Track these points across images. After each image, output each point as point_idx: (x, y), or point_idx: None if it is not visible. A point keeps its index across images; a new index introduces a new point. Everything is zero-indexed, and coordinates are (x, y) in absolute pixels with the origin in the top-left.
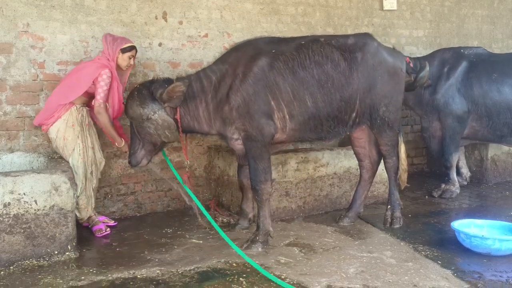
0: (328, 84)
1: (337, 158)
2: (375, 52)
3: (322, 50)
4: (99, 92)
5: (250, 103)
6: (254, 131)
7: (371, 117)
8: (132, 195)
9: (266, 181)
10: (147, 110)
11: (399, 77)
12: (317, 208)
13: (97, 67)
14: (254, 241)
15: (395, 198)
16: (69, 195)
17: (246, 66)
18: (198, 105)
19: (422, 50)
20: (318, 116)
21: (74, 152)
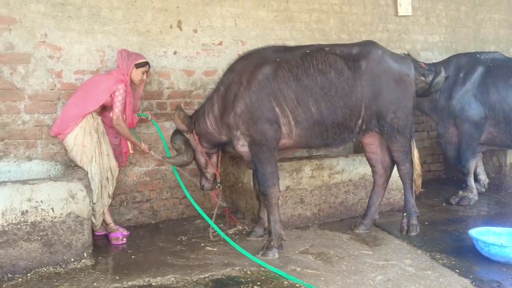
0: (331, 92)
1: (352, 164)
2: (379, 60)
3: (326, 59)
4: (117, 105)
5: (253, 109)
6: (258, 136)
7: (378, 124)
8: (147, 203)
9: (274, 185)
10: (173, 142)
11: (406, 84)
12: (332, 216)
13: (115, 81)
14: (269, 247)
15: (411, 205)
16: (85, 202)
17: (251, 74)
18: (206, 119)
19: (438, 55)
20: (323, 123)
21: (93, 159)
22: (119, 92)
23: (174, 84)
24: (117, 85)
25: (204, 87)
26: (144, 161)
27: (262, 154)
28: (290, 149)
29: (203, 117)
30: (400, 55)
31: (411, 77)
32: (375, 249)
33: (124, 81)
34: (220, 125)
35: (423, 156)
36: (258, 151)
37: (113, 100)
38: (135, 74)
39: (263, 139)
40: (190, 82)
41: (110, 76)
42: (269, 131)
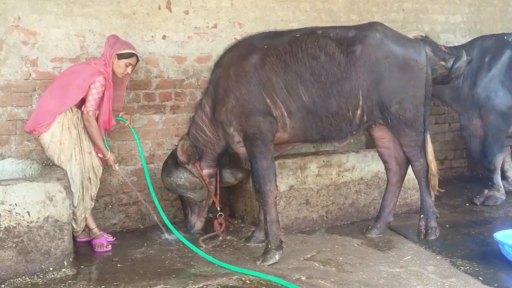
0: (322, 78)
1: (363, 161)
2: (377, 45)
3: (316, 43)
4: (90, 100)
5: (244, 102)
6: (252, 130)
7: (382, 116)
8: (134, 205)
9: (270, 182)
10: (174, 178)
11: (414, 70)
12: (341, 218)
13: (92, 73)
14: (267, 250)
15: (428, 206)
16: (65, 205)
17: (238, 65)
18: (203, 128)
19: (460, 37)
20: (316, 112)
21: (72, 158)
22: (95, 85)
23: (163, 72)
24: (94, 77)
25: (197, 76)
26: (130, 158)
27: (256, 148)
28: (287, 144)
29: (199, 128)
30: (408, 38)
31: (421, 62)
32: (390, 255)
33: (103, 73)
34: (215, 127)
35: (444, 152)
36: (252, 145)
37: (87, 94)
38: (116, 65)
39: (257, 132)
40: (182, 70)
41: (88, 67)
42: (263, 123)
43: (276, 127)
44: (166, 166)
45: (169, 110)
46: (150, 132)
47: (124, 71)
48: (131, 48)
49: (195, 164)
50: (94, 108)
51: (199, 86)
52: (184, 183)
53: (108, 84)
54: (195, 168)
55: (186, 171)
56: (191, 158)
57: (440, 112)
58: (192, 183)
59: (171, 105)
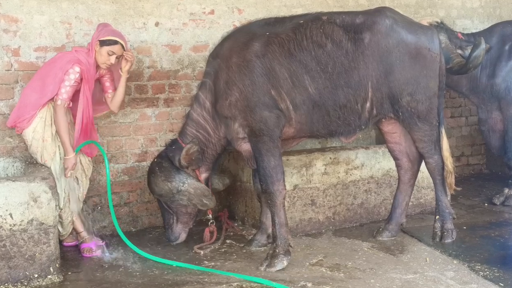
0: (328, 68)
1: (374, 158)
2: (387, 32)
3: (322, 30)
4: (61, 88)
5: (248, 95)
6: (258, 125)
7: (393, 109)
8: (126, 207)
9: (279, 181)
10: (176, 183)
11: (427, 59)
12: (350, 220)
13: (69, 60)
14: (275, 255)
15: (444, 206)
16: (51, 207)
17: (238, 55)
18: (204, 125)
19: (478, 24)
20: (323, 105)
21: (56, 155)
22: (68, 75)
23: (156, 62)
24: (70, 65)
25: (193, 66)
26: (121, 156)
27: (263, 145)
28: (292, 140)
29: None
30: (420, 24)
31: (434, 51)
32: (403, 259)
33: (80, 62)
34: (218, 125)
35: (461, 147)
36: (259, 142)
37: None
38: (98, 53)
39: (264, 127)
40: (176, 60)
41: (67, 54)
42: (270, 118)
43: (283, 122)
44: (162, 169)
45: (162, 103)
46: (142, 128)
47: (107, 60)
48: (116, 35)
49: (196, 170)
50: (64, 98)
51: (195, 77)
52: (187, 189)
53: (87, 75)
54: (194, 174)
55: (188, 175)
56: (193, 163)
57: (456, 104)
58: (198, 188)
59: (164, 98)
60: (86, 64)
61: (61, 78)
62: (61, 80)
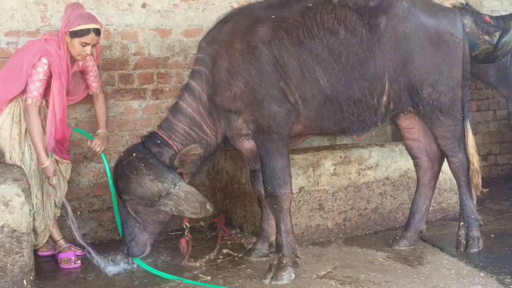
0: (342, 58)
1: (390, 157)
2: (405, 16)
3: (333, 15)
4: (30, 85)
5: (255, 86)
6: (266, 121)
7: (412, 102)
8: (109, 211)
9: (286, 184)
10: (167, 184)
11: (449, 45)
12: (362, 227)
13: (35, 52)
14: (281, 267)
15: (469, 211)
16: (24, 212)
17: (241, 40)
18: (199, 123)
19: (508, 5)
20: (336, 99)
21: (25, 155)
22: (35, 69)
23: (143, 48)
24: (37, 57)
25: (185, 52)
26: None
27: (271, 143)
28: (299, 137)
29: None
30: (440, 6)
31: (457, 35)
32: (423, 271)
33: (48, 54)
34: (217, 120)
35: (488, 145)
36: (266, 140)
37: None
38: (71, 45)
39: (273, 123)
40: (166, 46)
41: (36, 44)
42: (279, 113)
43: (293, 118)
44: (149, 166)
45: (150, 95)
46: (127, 122)
47: (82, 51)
48: (87, 21)
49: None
50: (34, 96)
51: (187, 65)
52: (177, 192)
53: (57, 70)
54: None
55: (180, 176)
56: (186, 167)
57: (483, 96)
58: (189, 192)
59: (153, 89)
60: (55, 56)
61: (28, 72)
62: (28, 74)
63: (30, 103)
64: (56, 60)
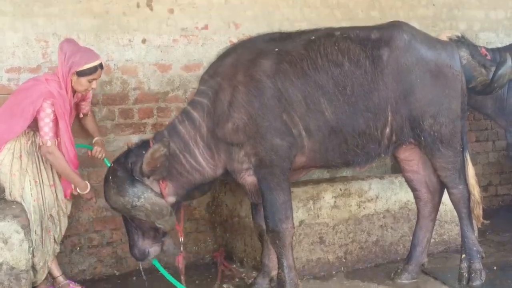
0: (347, 90)
1: (390, 189)
2: (406, 48)
3: (337, 47)
4: (43, 128)
5: (258, 119)
6: (268, 155)
7: (413, 133)
8: (109, 247)
9: (288, 219)
10: (128, 198)
11: (449, 78)
12: (364, 260)
13: (40, 94)
14: None
15: (471, 243)
16: (23, 249)
17: (245, 73)
18: (193, 150)
19: (504, 37)
20: (341, 131)
21: (25, 191)
22: (44, 112)
23: (143, 83)
24: (41, 100)
25: (185, 87)
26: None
27: (272, 178)
28: (302, 170)
29: (188, 150)
30: (438, 40)
31: (455, 68)
32: None
33: (52, 96)
34: (215, 153)
35: (488, 176)
36: (268, 174)
37: (38, 120)
38: (77, 83)
39: (275, 157)
40: (166, 81)
41: (38, 86)
42: (282, 147)
43: (295, 151)
44: (115, 179)
45: (150, 129)
46: None
47: (88, 87)
48: (92, 59)
49: (159, 181)
50: (51, 136)
51: (186, 99)
52: (143, 205)
53: (61, 110)
54: (157, 186)
55: (146, 188)
56: (157, 172)
57: (482, 127)
58: (156, 205)
59: (153, 123)
60: (58, 96)
61: (32, 114)
62: (31, 116)
63: (50, 144)
64: (59, 101)
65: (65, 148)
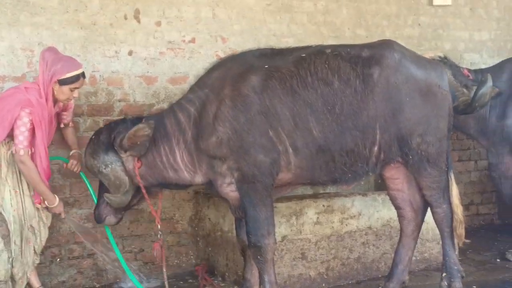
0: (336, 109)
1: (372, 206)
2: (396, 67)
3: (327, 65)
4: (18, 136)
5: (243, 134)
6: (251, 170)
7: (401, 152)
8: (89, 258)
9: (270, 235)
10: (97, 162)
11: (437, 97)
12: (345, 276)
13: (18, 102)
14: None
15: (452, 262)
16: (2, 259)
17: (232, 87)
18: (174, 148)
19: (487, 58)
20: (329, 149)
21: (5, 201)
22: (21, 120)
23: (128, 95)
24: (18, 108)
25: (170, 99)
26: (85, 200)
27: (255, 193)
28: (288, 186)
29: (169, 144)
30: (427, 59)
31: (444, 88)
32: None
33: (30, 105)
34: (196, 162)
35: (470, 195)
36: (250, 189)
37: (14, 129)
38: (59, 92)
39: (257, 173)
40: (151, 93)
41: (17, 94)
42: (264, 162)
43: (278, 168)
44: (95, 142)
45: None
46: None
47: (70, 96)
48: (74, 67)
49: (135, 158)
50: (25, 145)
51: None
52: (108, 174)
53: (38, 119)
54: (131, 162)
55: (118, 160)
56: (135, 149)
57: (465, 147)
58: (118, 179)
59: None
60: (36, 105)
61: (9, 122)
62: (9, 124)
63: (23, 154)
64: (37, 109)
65: (39, 158)
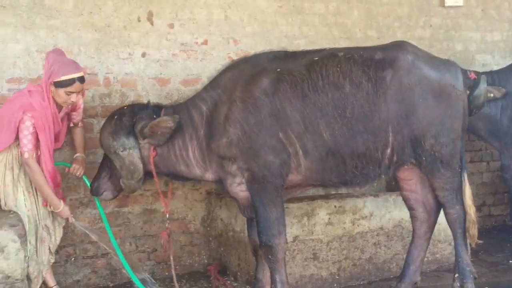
0: (346, 113)
1: (384, 207)
2: (410, 68)
3: (339, 68)
4: (22, 140)
5: (252, 135)
6: (261, 171)
7: (415, 153)
8: (103, 258)
9: (280, 234)
10: (116, 144)
11: (451, 98)
12: (356, 277)
13: (19, 107)
14: None
15: (464, 263)
16: (19, 258)
17: (244, 89)
18: (187, 143)
19: (500, 59)
20: (339, 153)
21: (19, 202)
22: (24, 124)
23: (142, 96)
24: (20, 112)
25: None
26: None
27: (265, 194)
28: (298, 187)
29: (182, 139)
30: (441, 59)
31: (458, 88)
32: None
33: (32, 108)
34: (207, 160)
35: (482, 196)
36: (261, 190)
37: (18, 132)
38: (55, 94)
39: (268, 174)
40: (164, 94)
41: (20, 97)
42: (274, 163)
43: (288, 169)
44: (117, 123)
45: None
46: None
47: (68, 99)
48: (71, 71)
49: (151, 147)
50: (30, 148)
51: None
52: (124, 157)
53: (41, 123)
54: (147, 151)
55: (136, 146)
56: (155, 138)
57: (476, 148)
58: (132, 164)
59: None
60: (39, 108)
61: (14, 125)
62: (14, 127)
63: (28, 157)
64: (40, 113)
65: (44, 162)
